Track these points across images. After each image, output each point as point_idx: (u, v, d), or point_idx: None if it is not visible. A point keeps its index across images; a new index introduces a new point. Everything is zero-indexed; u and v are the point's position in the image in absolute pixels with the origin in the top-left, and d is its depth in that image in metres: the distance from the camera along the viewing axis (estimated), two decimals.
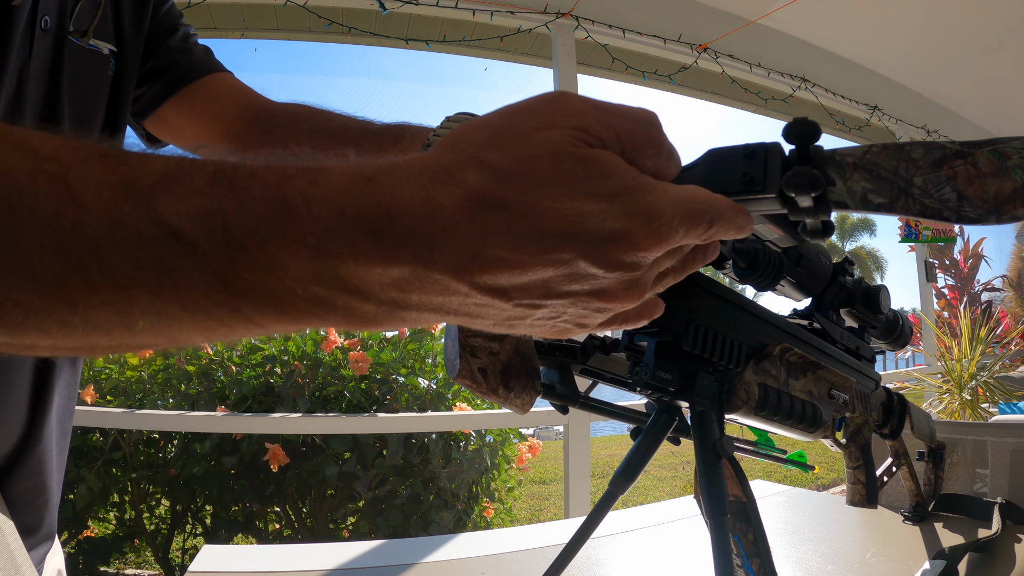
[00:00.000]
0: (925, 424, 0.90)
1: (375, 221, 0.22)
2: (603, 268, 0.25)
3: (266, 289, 0.22)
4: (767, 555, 0.44)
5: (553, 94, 0.26)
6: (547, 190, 0.23)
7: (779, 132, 0.33)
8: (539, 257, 0.23)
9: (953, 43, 3.85)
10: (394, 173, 0.23)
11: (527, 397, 0.38)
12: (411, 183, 0.22)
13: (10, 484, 0.56)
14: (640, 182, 0.25)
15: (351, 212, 0.22)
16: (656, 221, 0.25)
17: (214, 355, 2.76)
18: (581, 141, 0.24)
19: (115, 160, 0.22)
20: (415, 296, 0.24)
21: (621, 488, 0.48)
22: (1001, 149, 0.29)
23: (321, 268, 0.22)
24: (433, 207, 0.22)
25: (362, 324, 0.24)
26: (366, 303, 0.23)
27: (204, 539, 2.72)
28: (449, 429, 2.62)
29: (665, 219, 0.25)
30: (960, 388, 3.98)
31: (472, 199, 0.23)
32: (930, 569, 0.69)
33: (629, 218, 0.24)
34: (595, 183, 0.24)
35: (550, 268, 0.24)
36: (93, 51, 0.60)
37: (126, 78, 0.65)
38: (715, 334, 0.47)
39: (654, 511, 1.04)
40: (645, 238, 0.25)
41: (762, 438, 0.64)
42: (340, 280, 0.22)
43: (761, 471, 4.64)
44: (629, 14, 3.22)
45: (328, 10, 2.87)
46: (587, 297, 0.26)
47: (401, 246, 0.22)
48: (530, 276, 0.24)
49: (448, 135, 0.25)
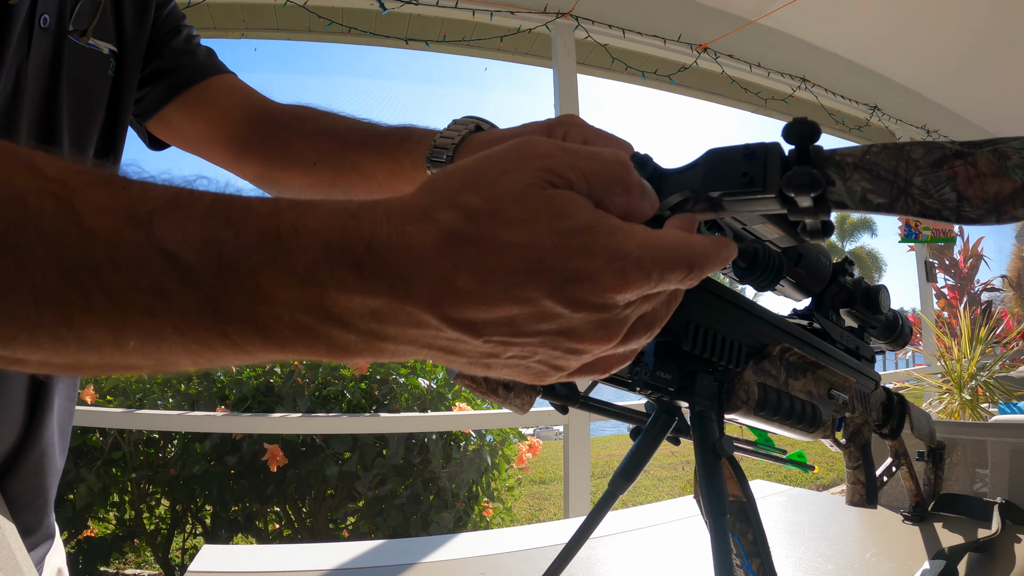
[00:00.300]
0: (925, 424, 0.90)
1: (357, 253, 0.23)
2: (568, 307, 0.25)
3: (255, 316, 0.23)
4: (767, 555, 0.44)
5: (524, 139, 0.27)
6: (511, 228, 0.24)
7: (779, 132, 0.33)
8: (504, 293, 0.24)
9: (953, 43, 3.85)
10: (376, 210, 0.24)
11: (527, 397, 0.38)
12: (390, 220, 0.24)
13: (9, 485, 0.56)
14: (604, 223, 0.26)
15: (336, 244, 0.23)
16: (620, 262, 0.25)
17: None
18: (547, 182, 0.26)
19: (118, 185, 0.23)
20: (392, 328, 0.25)
21: (621, 488, 0.48)
22: (1001, 149, 0.29)
23: (307, 296, 0.23)
24: (408, 243, 0.24)
25: (343, 354, 0.25)
26: (347, 332, 0.24)
27: (204, 539, 2.72)
28: (449, 429, 2.62)
29: (631, 261, 0.26)
30: (960, 388, 3.98)
31: (443, 236, 0.24)
32: (930, 569, 0.69)
33: (591, 257, 0.25)
34: (556, 221, 0.25)
35: (516, 305, 0.25)
36: (93, 51, 0.60)
37: (127, 78, 0.65)
38: (715, 334, 0.47)
39: (654, 511, 1.04)
40: (610, 278, 0.25)
41: (762, 438, 0.64)
42: (324, 309, 0.24)
43: (761, 471, 4.64)
44: (629, 14, 3.22)
45: (328, 10, 2.87)
46: (556, 337, 0.27)
47: (379, 278, 0.23)
48: (498, 312, 0.25)
49: (428, 179, 0.26)
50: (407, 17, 3.01)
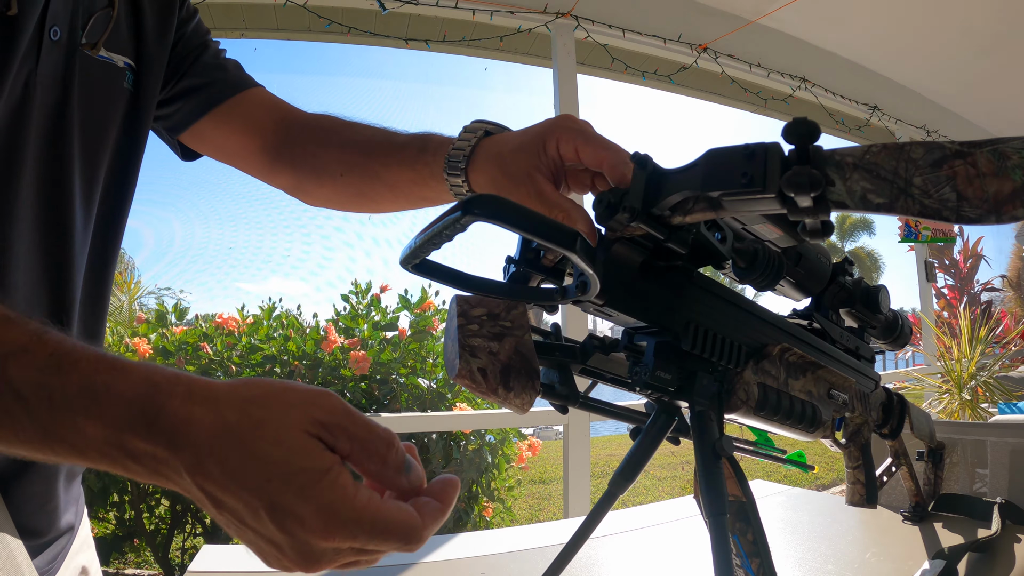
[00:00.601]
0: (925, 424, 0.90)
1: (149, 415, 0.31)
2: (276, 528, 0.30)
3: (73, 441, 0.31)
4: (766, 555, 0.44)
5: (297, 390, 0.33)
6: (263, 445, 0.31)
7: (779, 132, 0.33)
8: (234, 489, 0.30)
9: (953, 43, 3.84)
10: (179, 384, 0.32)
11: (527, 397, 0.38)
12: (189, 397, 0.31)
13: (19, 488, 0.56)
14: (332, 476, 0.31)
15: (135, 405, 0.31)
16: (328, 516, 0.30)
17: (214, 355, 2.76)
18: (314, 432, 0.32)
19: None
20: (168, 472, 0.31)
21: (621, 488, 0.48)
22: (1001, 149, 0.29)
23: (110, 437, 0.31)
24: (190, 419, 0.31)
25: (135, 477, 0.32)
26: (137, 464, 0.32)
27: (204, 539, 2.72)
28: (449, 429, 2.62)
29: (338, 519, 0.30)
30: (960, 388, 3.98)
31: (217, 426, 0.31)
32: (929, 569, 0.70)
33: (305, 501, 0.30)
34: (295, 457, 0.31)
35: (240, 503, 0.31)
36: (107, 63, 0.61)
37: (146, 92, 0.67)
38: (715, 334, 0.47)
39: (654, 511, 1.04)
40: (315, 524, 0.30)
41: (762, 438, 0.64)
42: (122, 446, 0.31)
43: (761, 471, 4.64)
44: (629, 14, 3.22)
45: (328, 10, 2.87)
46: (266, 539, 0.32)
47: (161, 435, 0.30)
48: (228, 499, 0.31)
49: (242, 382, 0.33)
50: (407, 17, 3.01)
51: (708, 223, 0.45)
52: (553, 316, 0.47)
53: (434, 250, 0.38)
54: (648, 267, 0.44)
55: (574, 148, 0.51)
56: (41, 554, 0.59)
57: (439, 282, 0.41)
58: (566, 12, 3.04)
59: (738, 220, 0.46)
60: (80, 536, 0.68)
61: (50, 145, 0.56)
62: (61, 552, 0.63)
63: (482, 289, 0.40)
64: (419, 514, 0.34)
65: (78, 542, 0.67)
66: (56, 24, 0.54)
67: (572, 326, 2.61)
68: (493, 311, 0.38)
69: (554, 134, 0.52)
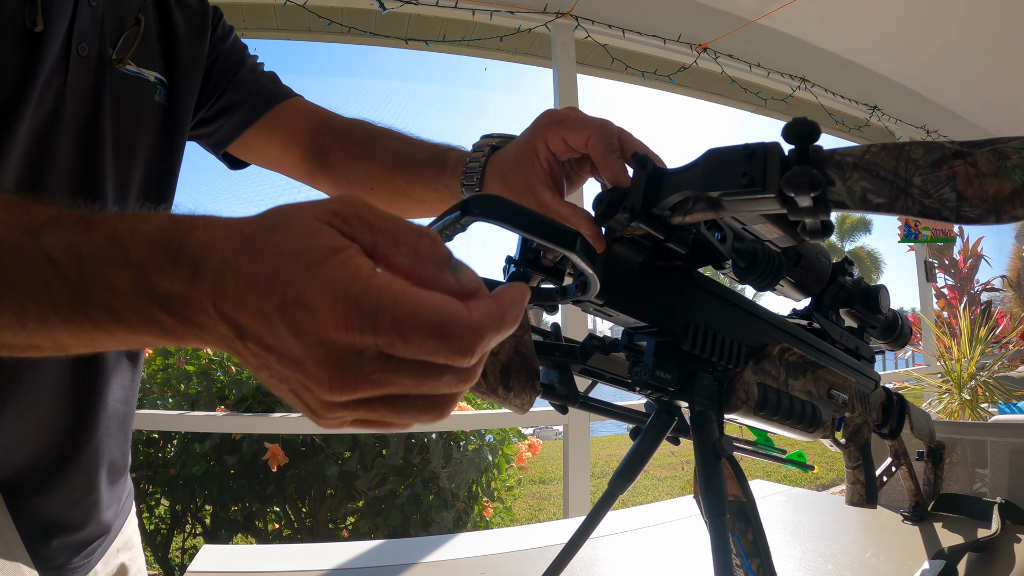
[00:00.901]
0: (924, 424, 0.90)
1: (172, 249, 0.28)
2: (289, 332, 0.26)
3: (106, 301, 0.29)
4: (766, 555, 0.44)
5: (342, 196, 0.30)
6: (273, 237, 0.27)
7: (779, 132, 0.33)
8: (249, 298, 0.26)
9: (953, 43, 3.84)
10: (200, 220, 0.29)
11: (526, 397, 0.38)
12: (208, 227, 0.29)
13: (61, 480, 0.58)
14: (342, 256, 0.26)
15: (159, 241, 0.29)
16: (335, 295, 0.25)
17: (213, 355, 2.75)
18: (328, 220, 0.28)
19: (22, 208, 0.32)
20: (196, 316, 0.28)
21: (620, 488, 0.48)
22: (1000, 149, 0.29)
23: (137, 281, 0.29)
24: (211, 243, 0.28)
25: (172, 337, 0.30)
26: (169, 316, 0.29)
27: (204, 539, 2.72)
28: (450, 429, 2.62)
29: (349, 298, 0.25)
30: (959, 388, 3.98)
31: (235, 241, 0.28)
32: (929, 569, 0.70)
33: (310, 284, 0.25)
34: (301, 238, 0.27)
35: (255, 315, 0.26)
36: (138, 78, 0.63)
37: (180, 106, 0.70)
38: (714, 334, 0.47)
39: (653, 511, 1.04)
40: (325, 309, 0.25)
41: (761, 438, 0.64)
42: (151, 293, 0.29)
43: (760, 471, 4.64)
44: (629, 14, 3.22)
45: (328, 10, 2.87)
46: (291, 364, 0.27)
47: (184, 267, 0.28)
48: (245, 317, 0.27)
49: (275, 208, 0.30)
50: (407, 17, 3.01)
51: (708, 223, 0.45)
52: (553, 316, 0.47)
53: None
54: (648, 267, 0.44)
55: (561, 140, 0.52)
56: (76, 548, 0.60)
57: None
58: (566, 12, 3.03)
59: (738, 220, 0.46)
60: (124, 535, 0.69)
61: (82, 155, 0.58)
62: (99, 548, 0.64)
63: None
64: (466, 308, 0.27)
65: (120, 540, 0.69)
66: (84, 41, 0.57)
67: (572, 326, 2.61)
68: None
69: (540, 135, 0.53)
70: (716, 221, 0.45)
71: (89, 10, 0.57)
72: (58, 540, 0.59)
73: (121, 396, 0.65)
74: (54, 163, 0.55)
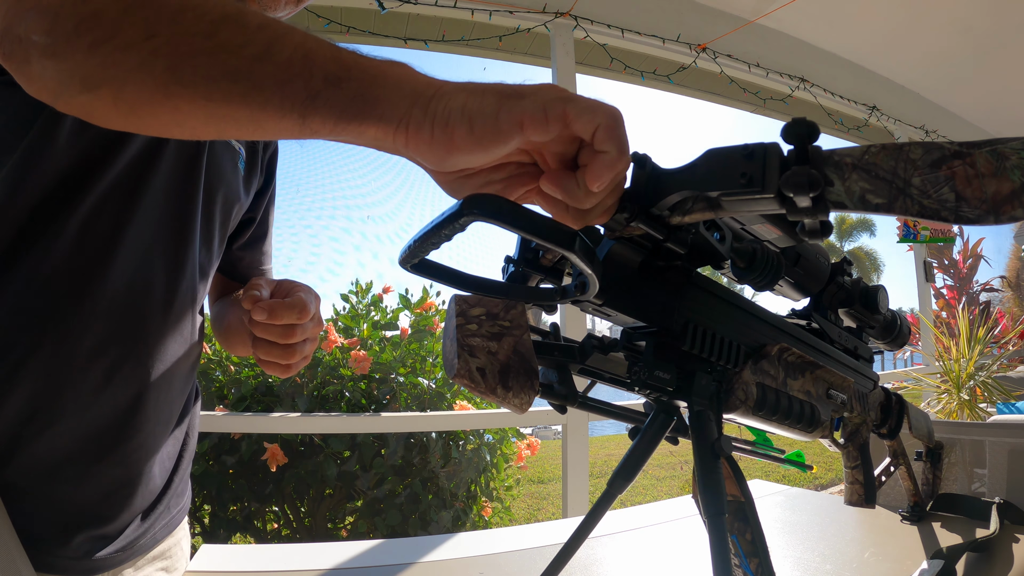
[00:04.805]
0: (923, 424, 0.90)
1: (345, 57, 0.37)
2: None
3: (316, 61, 0.36)
4: (765, 555, 0.44)
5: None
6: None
7: (778, 132, 0.33)
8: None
9: (952, 43, 3.85)
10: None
11: (525, 397, 0.38)
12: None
13: (97, 471, 0.60)
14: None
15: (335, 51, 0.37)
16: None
17: (212, 354, 2.75)
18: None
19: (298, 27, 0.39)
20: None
21: (619, 488, 0.48)
22: (1000, 150, 0.29)
23: (335, 53, 0.36)
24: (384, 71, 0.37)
25: (352, 102, 0.35)
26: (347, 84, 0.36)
27: (202, 538, 2.72)
28: (449, 429, 2.62)
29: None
30: (958, 388, 3.99)
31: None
32: (928, 569, 0.70)
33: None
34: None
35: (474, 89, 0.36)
36: (227, 142, 0.72)
37: (251, 179, 0.80)
38: (713, 334, 0.47)
39: (652, 511, 1.04)
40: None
41: (760, 438, 0.64)
42: (339, 61, 0.36)
43: (759, 471, 4.65)
44: (628, 14, 3.22)
45: (327, 9, 2.87)
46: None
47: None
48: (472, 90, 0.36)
49: None
50: (406, 16, 3.01)
51: (707, 223, 0.45)
52: (552, 316, 0.47)
53: (433, 250, 0.38)
54: (647, 267, 0.44)
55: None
56: (102, 541, 0.61)
57: (438, 281, 0.41)
58: (565, 12, 3.04)
59: (737, 220, 0.46)
60: (164, 545, 0.71)
61: (181, 182, 0.65)
62: (129, 548, 0.64)
63: (481, 289, 0.40)
64: None
65: (159, 549, 0.70)
66: None
67: (571, 326, 2.61)
68: (492, 311, 0.38)
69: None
70: (715, 221, 0.45)
71: None
72: (83, 534, 0.59)
73: (179, 387, 0.70)
74: (159, 176, 0.62)
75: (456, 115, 0.34)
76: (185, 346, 0.69)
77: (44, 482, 0.56)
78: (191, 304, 0.70)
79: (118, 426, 0.61)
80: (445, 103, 0.35)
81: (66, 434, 0.57)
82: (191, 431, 0.75)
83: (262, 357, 0.66)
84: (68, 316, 0.57)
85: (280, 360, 0.66)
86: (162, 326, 0.65)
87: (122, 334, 0.61)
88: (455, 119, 0.34)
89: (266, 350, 0.66)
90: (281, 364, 0.67)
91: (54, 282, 0.56)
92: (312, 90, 0.35)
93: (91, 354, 0.58)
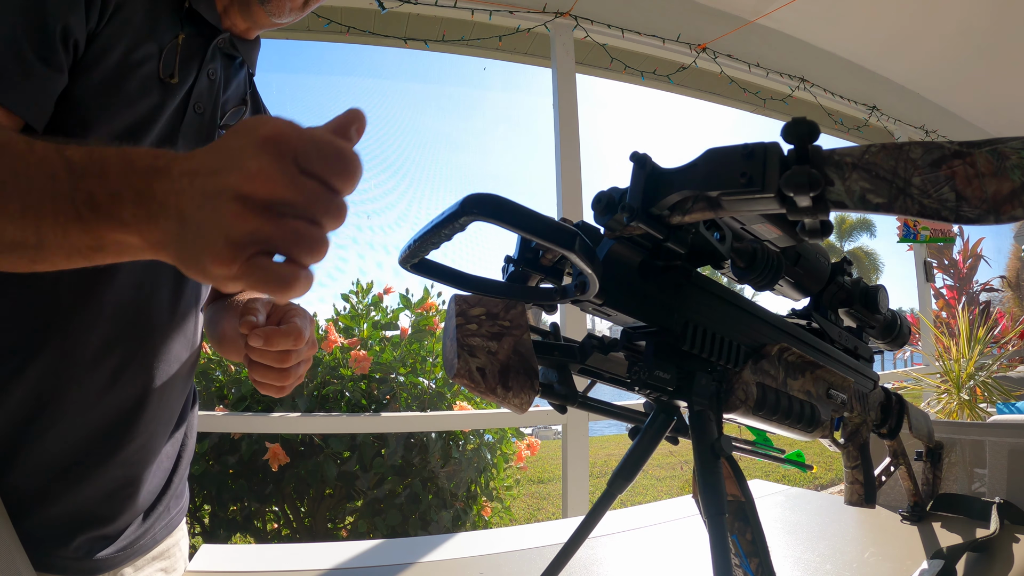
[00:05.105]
0: (923, 424, 0.90)
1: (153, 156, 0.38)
2: (233, 140, 0.35)
3: (90, 190, 0.37)
4: (765, 554, 0.44)
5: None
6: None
7: (778, 132, 0.33)
8: (208, 152, 0.36)
9: (952, 43, 3.85)
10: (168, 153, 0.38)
11: (525, 396, 0.38)
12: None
13: (99, 473, 0.61)
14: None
15: (132, 158, 0.38)
16: (280, 120, 0.35)
17: (212, 354, 2.75)
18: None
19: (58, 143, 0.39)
20: (158, 181, 0.37)
21: (619, 487, 0.48)
22: (1000, 149, 0.29)
23: (123, 160, 0.37)
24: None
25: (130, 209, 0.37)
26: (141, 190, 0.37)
27: (202, 538, 2.72)
28: (449, 429, 2.62)
29: (294, 129, 0.34)
30: (958, 388, 3.98)
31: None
32: (928, 569, 0.70)
33: (256, 124, 0.35)
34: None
35: (210, 151, 0.36)
36: None
37: None
38: (713, 334, 0.47)
39: (652, 510, 1.04)
40: (270, 123, 0.35)
41: (760, 437, 0.64)
42: (133, 166, 0.37)
43: (759, 471, 4.65)
44: (628, 14, 3.22)
45: (326, 9, 2.87)
46: (226, 165, 0.36)
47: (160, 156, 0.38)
48: (204, 156, 0.37)
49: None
50: (406, 16, 3.01)
51: (707, 223, 0.45)
52: (552, 316, 0.47)
53: (433, 250, 0.38)
54: (647, 267, 0.44)
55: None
56: (102, 541, 0.62)
57: (438, 281, 0.41)
58: (565, 12, 3.03)
59: (737, 220, 0.46)
60: (164, 545, 0.72)
61: None
62: (129, 548, 0.65)
63: (481, 288, 0.40)
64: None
65: (159, 549, 0.71)
66: (200, 102, 0.69)
67: (571, 326, 2.61)
68: (492, 311, 0.37)
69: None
70: (715, 221, 0.45)
71: (208, 82, 0.69)
72: (83, 535, 0.60)
73: (180, 388, 0.70)
74: None
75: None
76: (188, 346, 0.70)
77: (46, 482, 0.57)
78: (195, 304, 0.70)
79: (121, 427, 0.62)
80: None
81: (70, 435, 0.58)
82: (189, 432, 0.76)
83: (258, 379, 0.66)
84: (75, 315, 0.57)
85: (275, 382, 0.66)
86: (167, 327, 0.66)
87: (129, 334, 0.62)
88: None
89: (262, 373, 0.66)
90: (276, 386, 0.68)
91: (62, 282, 0.56)
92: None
93: (98, 353, 0.59)
